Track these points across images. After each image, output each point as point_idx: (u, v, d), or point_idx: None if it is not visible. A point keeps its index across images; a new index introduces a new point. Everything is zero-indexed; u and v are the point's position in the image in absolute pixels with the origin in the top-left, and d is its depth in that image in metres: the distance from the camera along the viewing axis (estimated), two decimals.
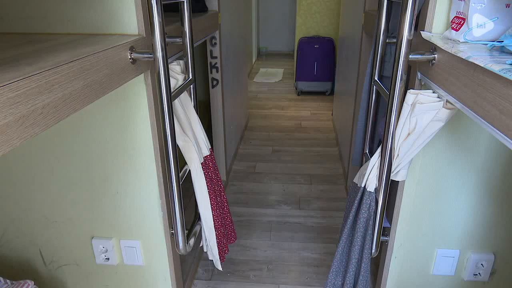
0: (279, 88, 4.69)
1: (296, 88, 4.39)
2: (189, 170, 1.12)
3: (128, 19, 0.94)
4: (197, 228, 1.22)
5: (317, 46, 4.13)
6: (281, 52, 6.65)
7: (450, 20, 0.85)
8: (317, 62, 4.15)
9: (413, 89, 0.94)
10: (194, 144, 1.11)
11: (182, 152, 1.10)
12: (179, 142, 1.08)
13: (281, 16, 6.43)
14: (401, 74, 0.87)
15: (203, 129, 1.19)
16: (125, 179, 1.13)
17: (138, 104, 1.02)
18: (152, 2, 0.81)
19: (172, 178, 0.96)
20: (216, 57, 2.01)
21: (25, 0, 0.97)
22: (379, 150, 0.98)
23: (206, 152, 1.19)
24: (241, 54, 2.93)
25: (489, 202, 1.13)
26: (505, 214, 1.15)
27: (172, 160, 0.94)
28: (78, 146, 1.11)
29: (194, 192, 1.16)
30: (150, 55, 0.87)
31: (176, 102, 1.08)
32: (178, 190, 0.98)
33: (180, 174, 1.01)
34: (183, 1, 1.03)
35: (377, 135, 1.22)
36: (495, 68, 0.57)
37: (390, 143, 0.92)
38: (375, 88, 1.14)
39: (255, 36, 6.08)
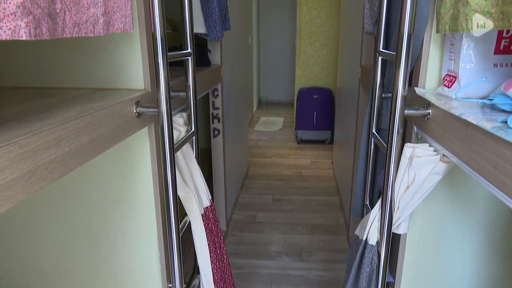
0: (279, 136, 4.76)
1: (296, 137, 4.45)
2: (189, 222, 1.11)
3: (135, 74, 0.98)
4: (195, 281, 1.19)
5: (316, 96, 4.25)
6: (281, 102, 6.81)
7: (442, 78, 0.89)
8: (316, 111, 4.25)
9: (410, 142, 0.96)
10: (195, 195, 1.11)
11: (183, 203, 1.10)
12: (180, 193, 1.08)
13: (280, 67, 6.68)
14: (398, 128, 0.89)
15: (204, 179, 1.20)
16: (124, 230, 1.12)
17: (140, 155, 1.04)
18: (159, 59, 0.85)
19: (172, 231, 0.95)
20: (218, 108, 2.07)
21: (38, 55, 1.02)
22: (379, 202, 0.98)
23: (206, 203, 1.19)
24: (242, 104, 3.01)
25: (492, 256, 1.11)
26: (510, 268, 1.12)
27: (172, 212, 0.94)
28: (79, 195, 1.11)
29: (193, 244, 1.15)
30: (154, 110, 0.90)
31: (178, 153, 1.10)
32: (177, 243, 0.97)
33: (180, 226, 1.00)
34: (188, 58, 1.08)
35: (377, 186, 1.23)
36: (487, 126, 0.59)
37: (390, 196, 0.93)
38: (373, 140, 1.16)
39: (256, 86, 6.27)
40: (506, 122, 0.58)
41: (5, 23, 0.48)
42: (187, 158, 1.14)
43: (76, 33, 0.65)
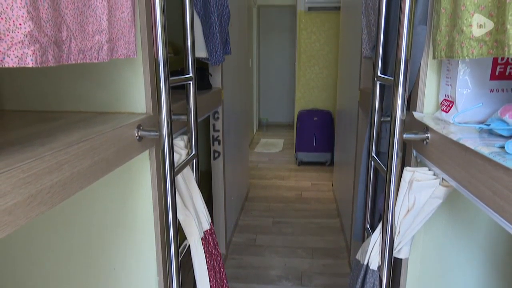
0: (279, 158, 4.76)
1: (296, 159, 4.46)
2: (189, 245, 1.10)
3: (137, 98, 1.00)
4: None
5: (316, 118, 4.28)
6: (281, 123, 6.85)
7: (440, 102, 0.90)
8: (316, 133, 4.27)
9: (410, 166, 0.97)
10: (195, 218, 1.10)
11: (183, 227, 1.10)
12: (180, 216, 1.08)
13: (280, 89, 6.75)
14: (397, 152, 0.90)
15: (204, 202, 1.20)
16: (123, 254, 1.11)
17: (141, 178, 1.04)
18: (161, 84, 0.87)
19: (172, 255, 0.94)
20: (218, 130, 2.09)
21: (42, 79, 1.04)
22: (379, 226, 0.98)
23: (206, 226, 1.18)
24: (242, 126, 3.03)
25: (496, 280, 1.09)
26: None
27: (172, 236, 0.93)
28: (78, 218, 1.10)
29: (192, 267, 1.13)
30: (156, 133, 0.91)
31: (179, 176, 1.10)
32: (177, 267, 0.96)
33: (179, 250, 1.00)
34: (189, 82, 1.10)
35: (377, 210, 1.22)
36: (485, 151, 0.60)
37: (390, 220, 0.92)
38: (373, 164, 1.17)
39: (256, 108, 6.32)
40: (503, 147, 0.59)
41: (13, 51, 0.49)
42: (187, 181, 1.15)
43: (81, 59, 0.67)
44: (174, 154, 1.03)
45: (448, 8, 0.77)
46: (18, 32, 0.49)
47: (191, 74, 1.08)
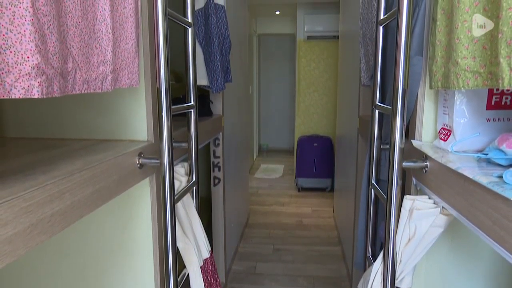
0: (279, 184, 4.74)
1: (296, 184, 4.44)
2: (188, 274, 1.09)
3: (139, 126, 1.01)
4: None
5: (316, 144, 4.29)
6: (281, 149, 6.86)
7: (438, 131, 0.91)
8: (316, 159, 4.27)
9: (410, 193, 0.97)
10: (194, 247, 1.09)
11: (182, 255, 1.08)
12: (179, 244, 1.07)
13: (281, 115, 6.80)
14: (396, 180, 0.90)
15: (203, 230, 1.19)
16: (120, 282, 1.09)
17: (141, 205, 1.04)
18: (163, 112, 0.88)
19: (170, 284, 0.93)
20: (218, 157, 2.09)
21: (44, 107, 1.06)
22: (381, 255, 0.97)
23: (206, 254, 1.17)
24: (242, 152, 3.04)
25: None
26: None
27: (171, 265, 0.92)
28: (75, 244, 1.09)
29: None
30: (157, 161, 0.91)
31: (179, 204, 1.10)
32: None
33: (178, 279, 0.98)
34: (191, 110, 1.12)
35: (378, 238, 1.21)
36: (483, 180, 0.60)
37: (391, 249, 0.91)
38: (373, 192, 1.17)
39: (256, 134, 6.35)
40: (501, 177, 0.59)
41: (20, 82, 0.51)
42: (187, 208, 1.14)
43: (85, 89, 0.68)
44: (175, 181, 1.03)
45: (443, 41, 0.79)
46: (25, 64, 0.51)
47: (192, 102, 1.10)
